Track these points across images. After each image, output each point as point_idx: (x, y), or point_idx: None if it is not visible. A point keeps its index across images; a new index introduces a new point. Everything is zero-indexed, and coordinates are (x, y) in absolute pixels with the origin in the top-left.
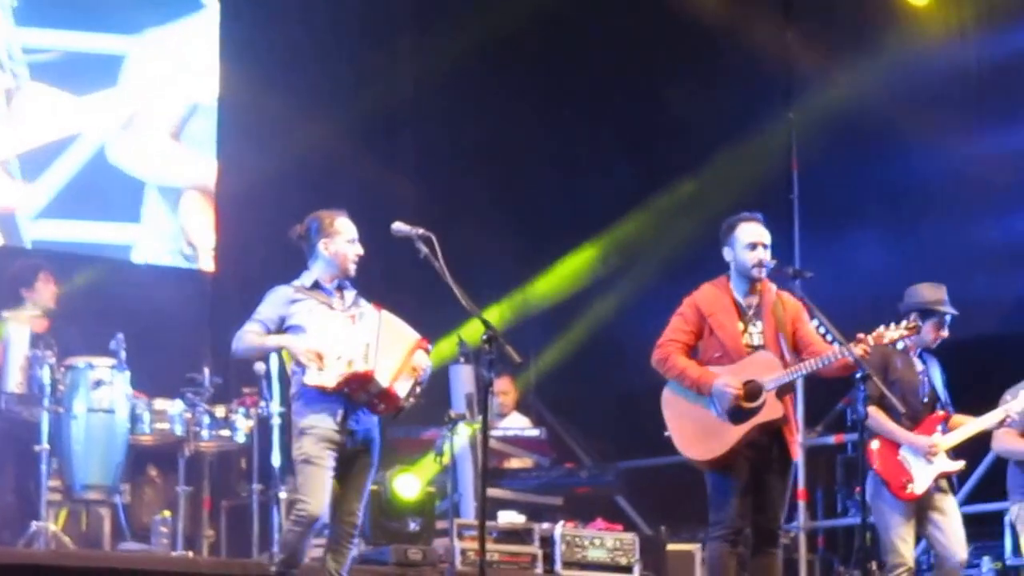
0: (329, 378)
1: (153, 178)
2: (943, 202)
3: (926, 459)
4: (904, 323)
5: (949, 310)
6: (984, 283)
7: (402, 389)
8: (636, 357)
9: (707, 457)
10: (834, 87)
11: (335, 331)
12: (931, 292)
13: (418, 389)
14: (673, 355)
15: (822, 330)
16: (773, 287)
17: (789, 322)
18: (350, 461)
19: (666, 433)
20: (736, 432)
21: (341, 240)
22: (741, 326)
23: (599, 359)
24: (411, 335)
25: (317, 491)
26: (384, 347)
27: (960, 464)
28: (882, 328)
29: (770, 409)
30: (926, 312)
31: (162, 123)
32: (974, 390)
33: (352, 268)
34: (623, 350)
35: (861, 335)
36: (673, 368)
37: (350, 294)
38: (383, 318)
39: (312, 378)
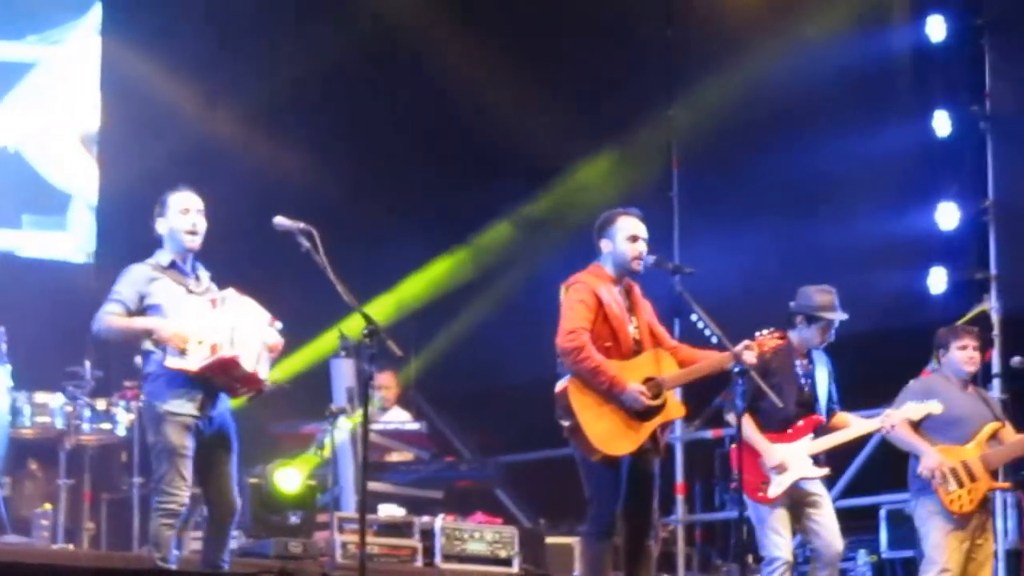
0: (192, 362)
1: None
2: (824, 200)
3: (778, 471)
4: (774, 333)
5: (835, 316)
6: (861, 280)
7: (264, 371)
8: (514, 352)
9: (621, 453)
10: (717, 86)
11: (195, 314)
12: (820, 297)
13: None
14: (589, 346)
15: (700, 325)
16: (636, 285)
17: (649, 317)
18: (210, 446)
19: (565, 423)
20: (646, 429)
21: (173, 214)
22: (625, 316)
23: (479, 354)
24: (265, 315)
25: (181, 482)
26: (248, 331)
27: (822, 472)
28: (763, 333)
29: (673, 408)
30: (812, 317)
31: (68, 129)
32: (852, 387)
33: (188, 241)
34: (502, 346)
35: (751, 342)
36: (591, 360)
37: (205, 275)
38: (244, 301)
39: (174, 361)
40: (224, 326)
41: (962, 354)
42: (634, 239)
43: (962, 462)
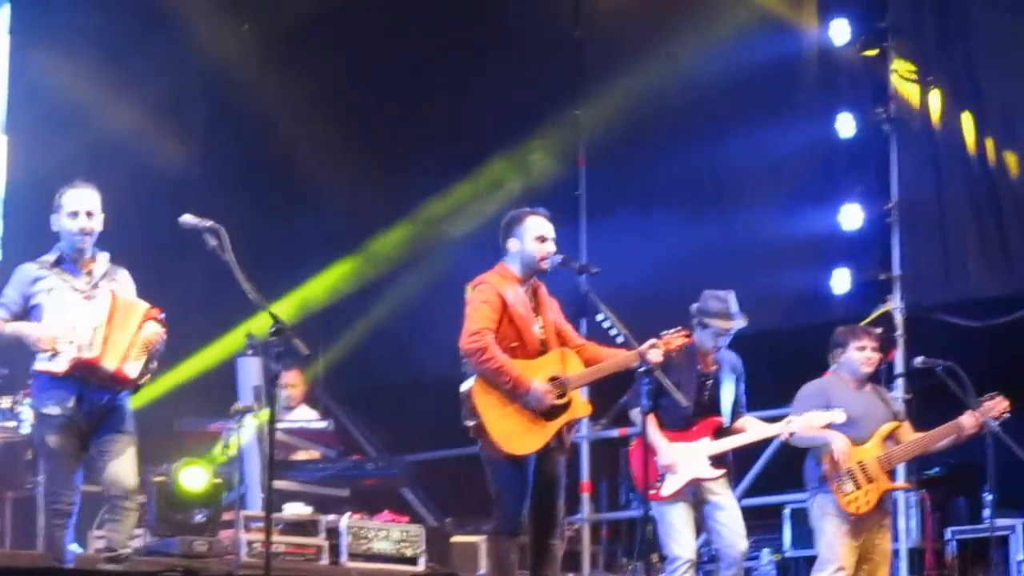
0: (59, 364)
1: None
2: (731, 199)
3: (669, 471)
4: (680, 331)
5: (723, 324)
6: (767, 278)
7: (133, 370)
8: (420, 351)
9: (526, 452)
10: (623, 84)
11: (69, 314)
12: (712, 303)
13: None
14: (493, 347)
15: (607, 324)
16: (542, 285)
17: (556, 316)
18: (98, 441)
19: (470, 423)
20: (551, 428)
21: (64, 214)
22: (531, 316)
23: (386, 353)
24: (140, 309)
25: (66, 482)
26: (115, 329)
27: (717, 473)
28: (670, 332)
29: (578, 407)
30: (703, 323)
31: None
32: (758, 386)
33: (79, 241)
34: (407, 345)
35: (656, 340)
36: (494, 361)
37: (101, 267)
38: (114, 298)
39: (42, 364)
40: (89, 325)
41: (860, 354)
42: (542, 239)
43: (859, 463)
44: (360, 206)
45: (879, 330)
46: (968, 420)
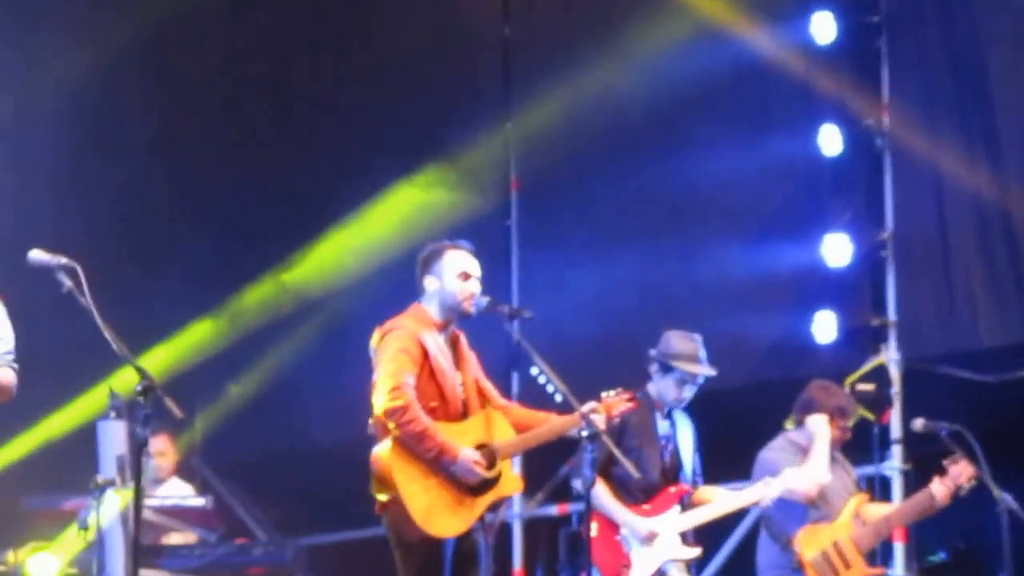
0: None
1: None
2: (692, 228)
3: (647, 544)
4: (623, 394)
5: (693, 369)
6: (734, 324)
7: None
8: (319, 412)
9: (449, 534)
10: (563, 92)
11: None
12: (680, 343)
13: None
14: (415, 406)
15: (543, 380)
16: (462, 336)
17: (475, 371)
18: None
19: (382, 497)
20: (479, 506)
21: None
22: (453, 372)
23: (276, 414)
24: None
25: None
26: None
27: (694, 552)
28: (611, 395)
29: (509, 481)
30: (667, 366)
31: None
32: (718, 453)
33: None
34: (304, 404)
35: (597, 404)
36: (417, 423)
37: None
38: None
39: None
40: None
41: (835, 423)
42: (465, 276)
43: (833, 544)
44: (260, 231)
45: (870, 387)
46: (939, 489)
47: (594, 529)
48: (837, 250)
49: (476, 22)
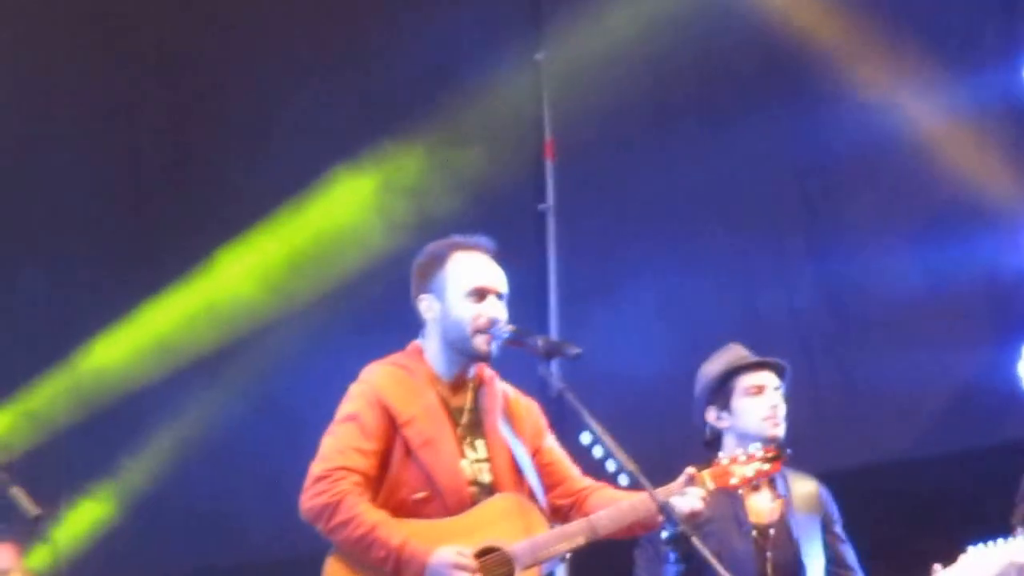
0: None
1: None
2: (818, 220)
3: None
4: (757, 452)
5: (750, 359)
6: (880, 365)
7: None
8: (250, 507)
9: None
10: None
11: None
12: (714, 361)
13: None
14: (350, 497)
15: (599, 451)
16: (495, 377)
17: (530, 439)
18: None
19: None
20: None
21: None
22: (453, 442)
23: (184, 510)
24: None
25: None
26: None
27: None
28: (730, 457)
29: None
30: (719, 392)
31: None
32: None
33: None
34: (225, 493)
35: (693, 470)
36: (352, 523)
37: None
38: None
39: None
40: None
41: None
42: (479, 295)
43: None
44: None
45: None
46: None
47: None
48: None
49: None
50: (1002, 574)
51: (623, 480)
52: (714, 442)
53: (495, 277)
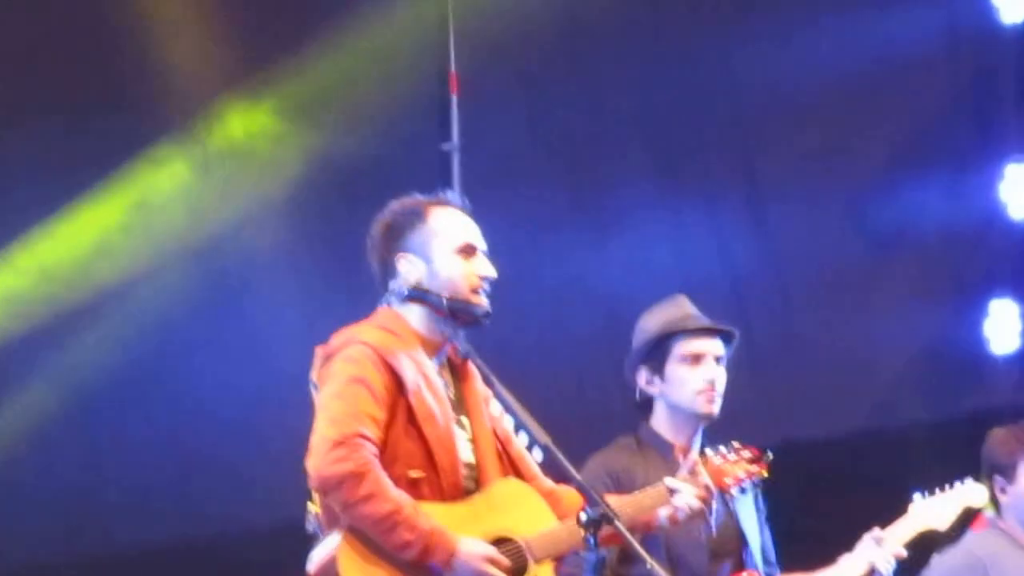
0: None
1: None
2: (754, 152)
3: None
4: (738, 452)
5: (694, 323)
6: (829, 323)
7: None
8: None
9: None
10: None
11: None
12: (656, 314)
13: None
14: (377, 469)
15: (510, 424)
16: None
17: (500, 425)
18: None
19: None
20: None
21: None
22: (452, 418)
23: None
24: None
25: None
26: None
27: None
28: (719, 454)
29: None
30: (654, 352)
31: None
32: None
33: None
34: (173, 479)
35: (698, 459)
36: (380, 501)
37: None
38: None
39: None
40: None
41: None
42: (468, 251)
43: None
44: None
45: None
46: None
47: None
48: None
49: None
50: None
51: (536, 455)
52: (644, 406)
53: (478, 234)
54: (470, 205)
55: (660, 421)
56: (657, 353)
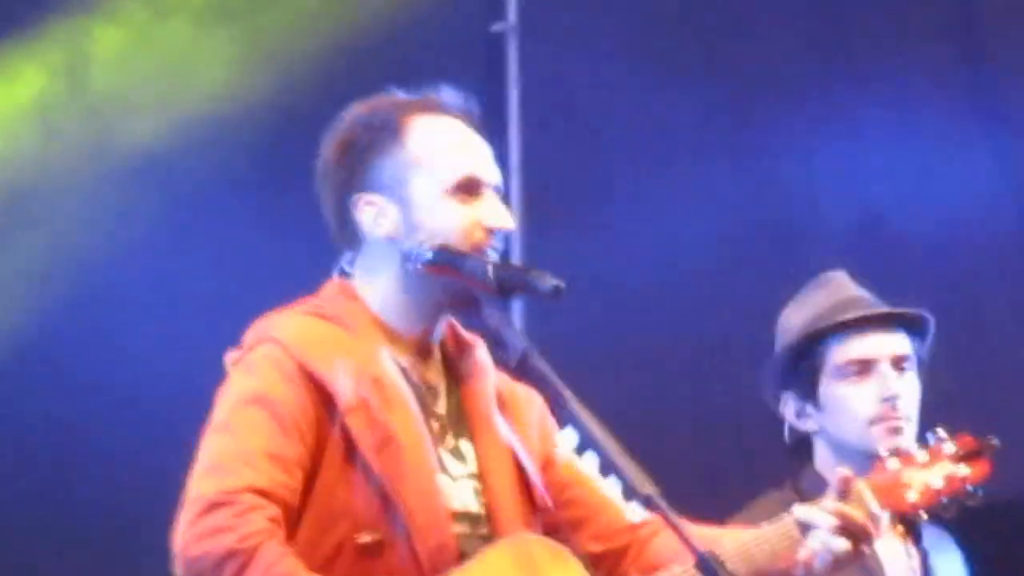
0: None
1: None
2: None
3: None
4: (951, 440)
5: (868, 312)
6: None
7: None
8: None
9: None
10: None
11: None
12: (813, 297)
13: None
14: (270, 546)
15: (591, 461)
16: (478, 342)
17: (537, 447)
18: None
19: None
20: None
21: None
22: (428, 444)
23: None
24: None
25: None
26: None
27: None
28: (901, 456)
29: None
30: (803, 356)
31: None
32: None
33: None
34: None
35: (847, 473)
36: None
37: None
38: None
39: None
40: None
41: None
42: (472, 188)
43: None
44: None
45: None
46: None
47: None
48: None
49: None
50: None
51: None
52: (800, 448)
53: (487, 158)
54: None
55: (826, 464)
56: (805, 366)
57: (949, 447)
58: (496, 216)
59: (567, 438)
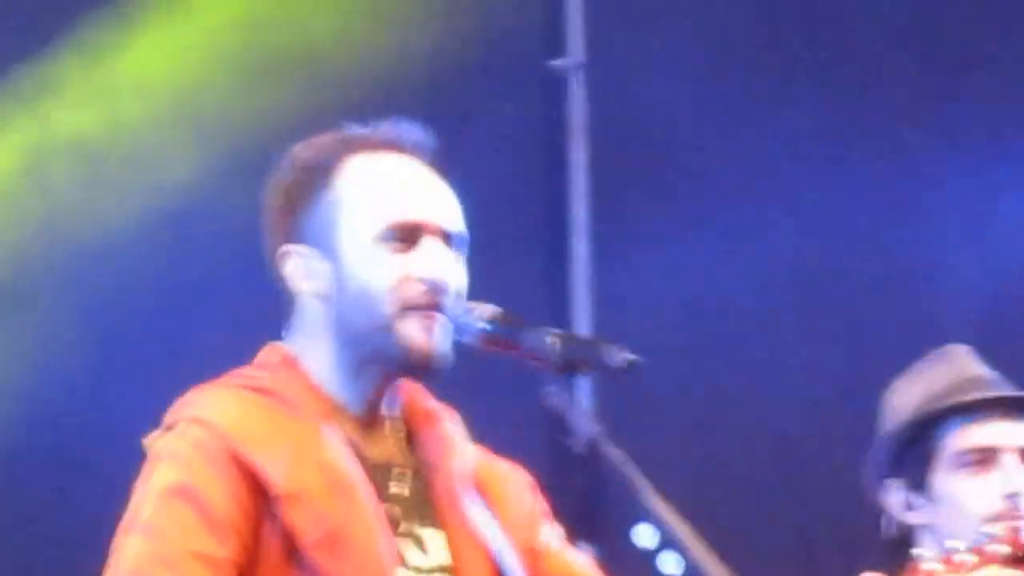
0: None
1: None
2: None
3: None
4: (993, 542)
5: (984, 394)
6: None
7: None
8: None
9: None
10: None
11: None
12: (923, 376)
13: None
14: None
15: (672, 568)
16: (444, 412)
17: (518, 534)
18: None
19: None
20: None
21: None
22: (383, 535)
23: None
24: None
25: None
26: None
27: None
28: (940, 557)
29: None
30: (917, 442)
31: None
32: None
33: None
34: None
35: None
36: None
37: None
38: None
39: None
40: None
41: None
42: (406, 235)
43: None
44: None
45: None
46: None
47: None
48: None
49: None
50: None
51: None
52: (901, 543)
53: (434, 200)
54: (428, 145)
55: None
56: (916, 451)
57: (991, 546)
58: (428, 266)
59: (644, 535)
